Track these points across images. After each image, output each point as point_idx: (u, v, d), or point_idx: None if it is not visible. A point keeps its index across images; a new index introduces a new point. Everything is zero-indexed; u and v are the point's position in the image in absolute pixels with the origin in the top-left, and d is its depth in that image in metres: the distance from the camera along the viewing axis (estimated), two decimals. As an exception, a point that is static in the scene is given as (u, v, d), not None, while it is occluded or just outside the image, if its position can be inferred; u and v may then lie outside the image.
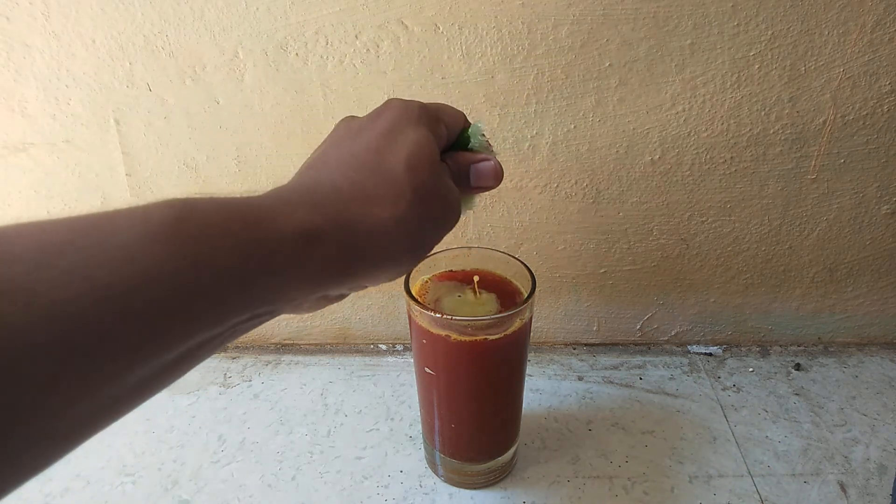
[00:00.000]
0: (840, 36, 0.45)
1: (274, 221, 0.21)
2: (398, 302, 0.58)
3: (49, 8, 0.45)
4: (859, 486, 0.44)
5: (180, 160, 0.51)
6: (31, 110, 0.49)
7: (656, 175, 0.51)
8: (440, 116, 0.29)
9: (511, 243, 0.54)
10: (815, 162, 0.50)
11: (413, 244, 0.25)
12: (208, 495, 0.44)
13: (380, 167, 0.24)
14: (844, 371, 0.56)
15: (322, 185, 0.24)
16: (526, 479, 0.45)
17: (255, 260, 0.20)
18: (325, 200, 0.23)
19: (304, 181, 0.24)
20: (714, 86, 0.47)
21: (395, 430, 0.50)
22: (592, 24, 0.45)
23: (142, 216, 0.18)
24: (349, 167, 0.24)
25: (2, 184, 0.52)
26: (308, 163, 0.26)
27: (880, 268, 0.56)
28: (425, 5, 0.45)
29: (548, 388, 0.54)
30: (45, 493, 0.44)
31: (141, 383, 0.18)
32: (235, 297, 0.19)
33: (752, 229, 0.54)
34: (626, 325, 0.59)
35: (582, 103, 0.48)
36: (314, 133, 0.50)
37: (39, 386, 0.15)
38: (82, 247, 0.16)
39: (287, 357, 0.59)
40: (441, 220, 0.27)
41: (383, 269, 0.25)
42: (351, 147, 0.25)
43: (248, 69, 0.47)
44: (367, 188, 0.24)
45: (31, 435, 0.15)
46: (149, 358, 0.17)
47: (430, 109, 0.28)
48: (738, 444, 0.48)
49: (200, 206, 0.19)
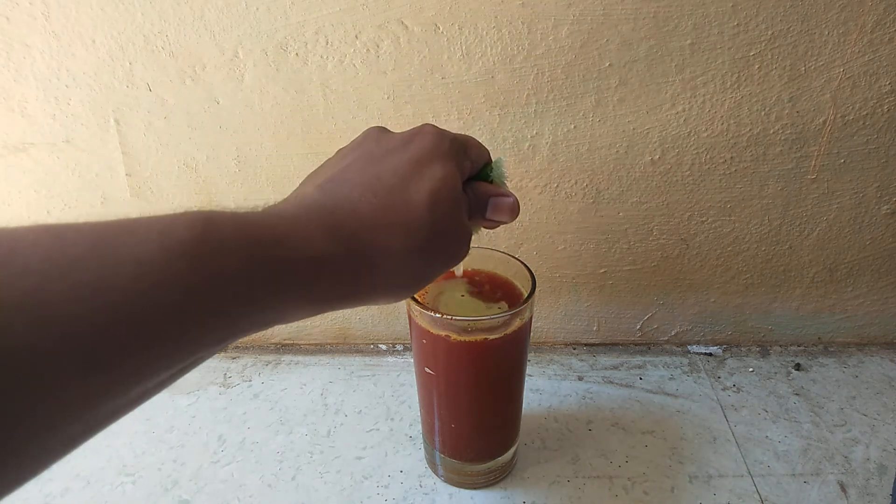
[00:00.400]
0: (840, 36, 0.45)
1: (290, 247, 0.21)
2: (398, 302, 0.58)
3: (49, 8, 0.45)
4: (859, 486, 0.44)
5: (180, 160, 0.51)
6: (31, 110, 0.49)
7: (656, 175, 0.51)
8: (468, 151, 0.29)
9: (511, 243, 0.54)
10: (815, 162, 0.50)
11: (417, 277, 0.25)
12: (208, 495, 0.44)
13: (402, 196, 0.24)
14: (844, 371, 0.56)
15: (341, 207, 0.23)
16: (526, 479, 0.45)
17: (267, 285, 0.20)
18: (342, 225, 0.23)
19: (324, 200, 0.23)
20: (714, 86, 0.47)
21: (395, 430, 0.50)
22: (592, 24, 0.45)
23: (160, 231, 0.17)
24: (371, 190, 0.24)
25: (2, 184, 0.52)
26: (330, 172, 0.26)
27: (880, 268, 0.56)
28: (425, 5, 0.45)
29: (548, 388, 0.54)
30: (45, 493, 0.44)
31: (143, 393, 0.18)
32: (243, 317, 0.20)
33: (752, 229, 0.54)
34: (626, 325, 0.59)
35: (582, 103, 0.48)
36: (314, 133, 0.50)
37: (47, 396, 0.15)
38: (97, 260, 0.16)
39: (287, 357, 0.59)
40: (448, 257, 0.27)
41: (383, 296, 0.25)
42: (377, 168, 0.25)
43: (248, 69, 0.47)
44: (386, 215, 0.24)
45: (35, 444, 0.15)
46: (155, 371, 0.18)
47: (459, 142, 0.28)
48: (738, 444, 0.48)
49: (220, 225, 0.19)
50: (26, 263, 0.15)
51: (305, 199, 0.23)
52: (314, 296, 0.22)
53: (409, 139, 0.27)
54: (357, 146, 0.27)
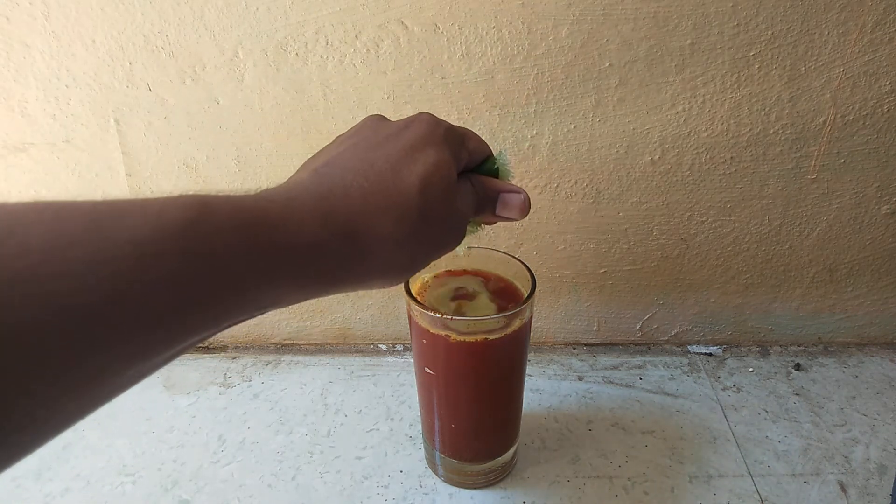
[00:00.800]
0: (840, 36, 0.45)
1: (283, 232, 0.21)
2: (398, 302, 0.58)
3: (49, 8, 0.45)
4: (859, 486, 0.44)
5: (180, 160, 0.51)
6: (31, 110, 0.49)
7: (656, 175, 0.51)
8: (465, 142, 0.29)
9: (511, 243, 0.54)
10: (815, 162, 0.50)
11: (407, 262, 0.26)
12: (208, 495, 0.44)
13: (393, 181, 0.24)
14: (844, 371, 0.56)
15: (334, 192, 0.23)
16: (526, 479, 0.45)
17: (260, 269, 0.20)
18: (334, 210, 0.23)
19: (317, 185, 0.24)
20: (714, 86, 0.47)
21: (395, 430, 0.50)
22: (592, 24, 0.45)
23: (156, 212, 0.18)
24: (363, 175, 0.24)
25: (2, 184, 0.52)
26: (326, 157, 0.26)
27: (880, 268, 0.56)
28: (425, 5, 0.45)
29: (548, 388, 0.54)
30: (45, 493, 0.44)
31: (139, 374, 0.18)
32: (236, 300, 0.20)
33: (752, 229, 0.54)
34: (626, 325, 0.59)
35: (582, 103, 0.48)
36: (314, 133, 0.50)
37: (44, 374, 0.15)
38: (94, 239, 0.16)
39: (287, 357, 0.59)
40: (440, 243, 0.27)
41: (377, 281, 0.25)
42: (371, 154, 0.25)
43: (248, 69, 0.47)
44: (377, 200, 0.24)
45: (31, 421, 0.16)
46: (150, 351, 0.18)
47: (456, 132, 0.28)
48: (738, 444, 0.48)
49: (214, 209, 0.19)
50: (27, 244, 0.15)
51: (299, 184, 0.24)
52: (307, 280, 0.22)
53: (406, 126, 0.27)
54: (354, 133, 0.28)
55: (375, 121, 0.28)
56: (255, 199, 0.21)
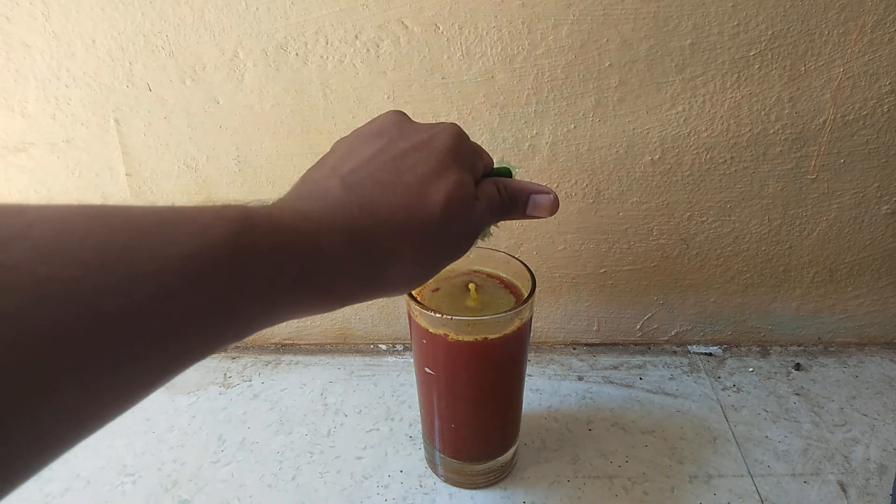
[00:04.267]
0: (840, 36, 0.45)
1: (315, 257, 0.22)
2: (398, 302, 0.58)
3: (49, 8, 0.45)
4: (859, 486, 0.44)
5: (180, 160, 0.51)
6: (31, 110, 0.49)
7: (656, 175, 0.51)
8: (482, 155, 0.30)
9: (511, 243, 0.54)
10: (815, 162, 0.50)
11: (420, 276, 0.26)
12: (208, 495, 0.44)
13: (419, 198, 0.25)
14: (844, 371, 0.56)
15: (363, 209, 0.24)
16: (526, 479, 0.45)
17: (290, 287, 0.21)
18: (362, 229, 0.23)
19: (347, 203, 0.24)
20: (714, 86, 0.47)
21: (395, 430, 0.50)
22: (592, 24, 0.45)
23: (203, 227, 0.18)
24: (391, 189, 0.25)
25: (2, 184, 0.52)
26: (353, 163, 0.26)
27: (880, 268, 0.56)
28: (425, 5, 0.45)
29: (548, 388, 0.54)
30: (45, 493, 0.44)
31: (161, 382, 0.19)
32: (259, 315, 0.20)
33: (752, 229, 0.54)
34: (626, 325, 0.59)
35: (582, 103, 0.48)
36: (314, 133, 0.50)
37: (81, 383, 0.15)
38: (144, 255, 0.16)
39: (287, 357, 0.59)
40: (453, 255, 0.27)
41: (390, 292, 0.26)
42: (399, 164, 0.26)
43: (248, 69, 0.47)
44: (401, 219, 0.24)
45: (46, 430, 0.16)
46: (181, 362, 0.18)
47: (474, 148, 0.29)
48: (738, 444, 0.48)
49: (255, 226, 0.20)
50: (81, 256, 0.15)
51: (330, 197, 0.24)
52: (330, 296, 0.23)
53: (431, 136, 0.27)
54: (378, 133, 0.27)
55: (400, 120, 0.28)
56: (291, 216, 0.22)
